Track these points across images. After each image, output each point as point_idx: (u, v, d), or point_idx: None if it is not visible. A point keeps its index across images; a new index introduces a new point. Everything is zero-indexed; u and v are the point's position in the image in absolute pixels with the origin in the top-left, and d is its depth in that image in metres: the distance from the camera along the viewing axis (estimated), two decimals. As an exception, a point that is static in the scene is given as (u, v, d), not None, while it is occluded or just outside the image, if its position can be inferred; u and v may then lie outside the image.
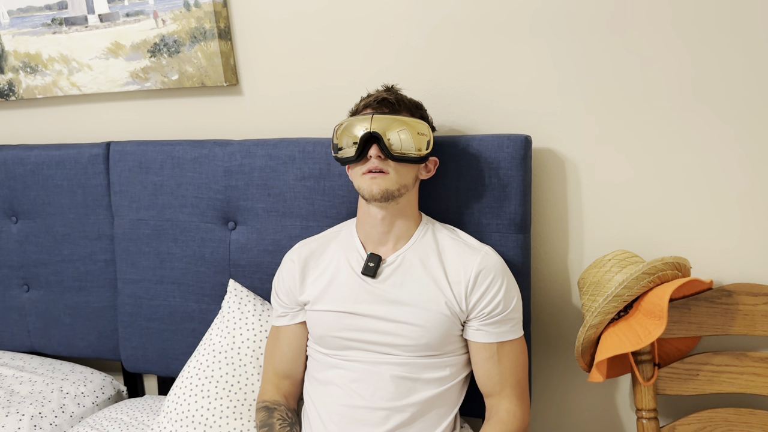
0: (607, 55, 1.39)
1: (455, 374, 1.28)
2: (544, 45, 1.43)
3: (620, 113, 1.41)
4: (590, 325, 1.31)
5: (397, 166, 1.24)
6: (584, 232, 1.50)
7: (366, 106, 1.30)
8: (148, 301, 1.74)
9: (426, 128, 1.26)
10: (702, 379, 1.36)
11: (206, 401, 1.46)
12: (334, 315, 1.29)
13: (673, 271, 1.30)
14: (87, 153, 1.78)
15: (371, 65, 1.58)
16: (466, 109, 1.52)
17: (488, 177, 1.40)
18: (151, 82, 1.76)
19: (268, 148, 1.58)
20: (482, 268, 1.25)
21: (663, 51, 1.36)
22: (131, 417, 1.63)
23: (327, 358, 1.32)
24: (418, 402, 1.24)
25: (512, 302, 1.27)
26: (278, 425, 1.32)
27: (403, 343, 1.25)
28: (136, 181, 1.72)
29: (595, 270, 1.38)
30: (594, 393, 1.58)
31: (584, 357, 1.39)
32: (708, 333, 1.35)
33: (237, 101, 1.74)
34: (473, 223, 1.43)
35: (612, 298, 1.28)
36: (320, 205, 1.54)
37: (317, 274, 1.35)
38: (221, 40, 1.66)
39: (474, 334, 1.26)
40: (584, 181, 1.47)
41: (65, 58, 1.84)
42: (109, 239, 1.81)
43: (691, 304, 1.35)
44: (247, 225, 1.62)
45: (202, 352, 1.53)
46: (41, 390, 1.73)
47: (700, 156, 1.38)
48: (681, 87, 1.36)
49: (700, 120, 1.37)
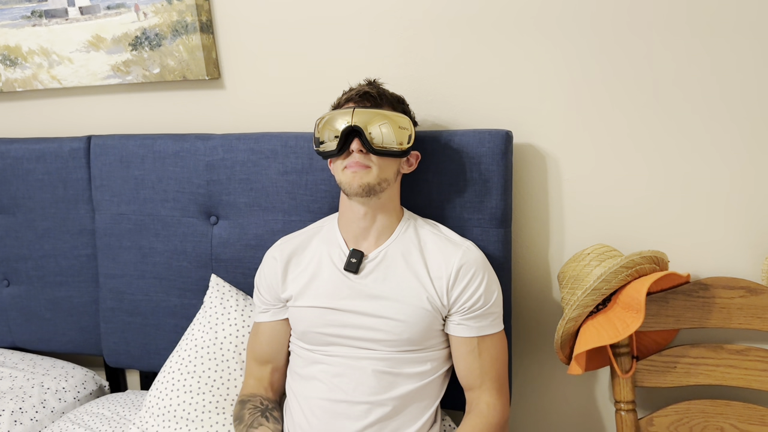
0: (589, 52, 1.41)
1: (436, 368, 1.29)
2: (527, 42, 1.44)
3: (601, 109, 1.43)
4: (569, 318, 1.33)
5: (378, 160, 1.24)
6: (564, 227, 1.51)
7: (348, 100, 1.30)
8: (129, 296, 1.74)
9: (407, 122, 1.26)
10: (679, 372, 1.38)
11: (188, 396, 1.46)
12: (317, 311, 1.30)
13: (651, 265, 1.31)
14: (68, 147, 1.77)
15: (354, 60, 1.58)
16: (449, 104, 1.52)
17: (470, 172, 1.40)
18: (133, 76, 1.75)
19: (250, 143, 1.57)
20: (463, 263, 1.26)
21: (646, 48, 1.37)
22: (113, 412, 1.62)
23: (309, 353, 1.32)
24: (399, 396, 1.25)
25: (493, 296, 1.28)
26: (248, 414, 1.32)
27: (385, 338, 1.25)
28: (117, 175, 1.71)
29: (574, 264, 1.39)
30: (573, 385, 1.60)
31: (563, 350, 1.40)
32: (685, 326, 1.37)
33: (219, 95, 1.73)
34: (455, 217, 1.43)
35: (590, 291, 1.29)
36: (303, 199, 1.54)
37: (299, 271, 1.35)
38: (203, 33, 1.65)
39: (455, 329, 1.27)
40: (565, 177, 1.48)
41: (45, 51, 1.82)
42: (90, 234, 1.79)
43: (669, 298, 1.37)
44: (230, 219, 1.61)
45: (184, 347, 1.52)
46: (22, 385, 1.71)
47: (680, 152, 1.40)
48: (663, 83, 1.38)
49: (680, 116, 1.38)
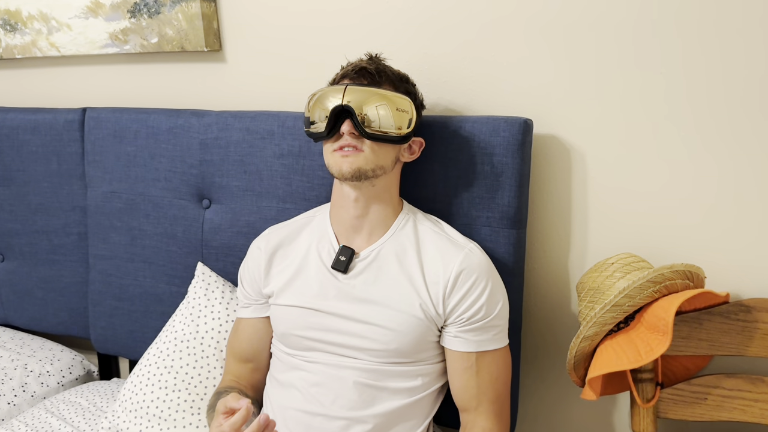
0: (629, 39, 1.23)
1: (428, 384, 1.15)
2: (558, 19, 1.27)
3: (637, 100, 1.25)
4: (584, 336, 1.16)
5: (372, 145, 1.10)
6: (588, 231, 1.34)
7: (344, 76, 1.16)
8: (118, 279, 1.64)
9: (408, 104, 1.11)
10: (710, 404, 1.20)
11: (163, 392, 1.35)
12: (299, 311, 1.16)
13: (684, 281, 1.14)
14: (62, 119, 1.68)
15: (367, 33, 1.43)
16: (465, 86, 1.36)
17: (481, 164, 1.25)
18: (131, 45, 1.64)
19: (246, 121, 1.44)
20: (464, 268, 1.11)
21: (690, 44, 1.19)
22: (90, 402, 1.53)
23: (289, 358, 1.19)
24: (383, 413, 1.10)
25: (496, 308, 1.12)
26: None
27: (370, 347, 1.11)
28: (110, 150, 1.60)
29: (595, 274, 1.22)
30: (589, 411, 1.43)
31: (577, 371, 1.24)
32: (721, 352, 1.19)
33: (220, 69, 1.60)
34: (462, 214, 1.28)
35: (610, 307, 1.12)
36: (298, 185, 1.41)
37: (285, 265, 1.22)
38: (203, 1, 1.53)
39: (451, 342, 1.12)
40: (591, 174, 1.31)
41: (45, 17, 1.73)
42: (82, 211, 1.70)
43: (703, 319, 1.19)
44: (222, 204, 1.49)
45: (163, 339, 1.42)
46: (4, 366, 1.64)
47: (730, 156, 1.21)
48: (708, 82, 1.19)
49: (726, 117, 1.20)
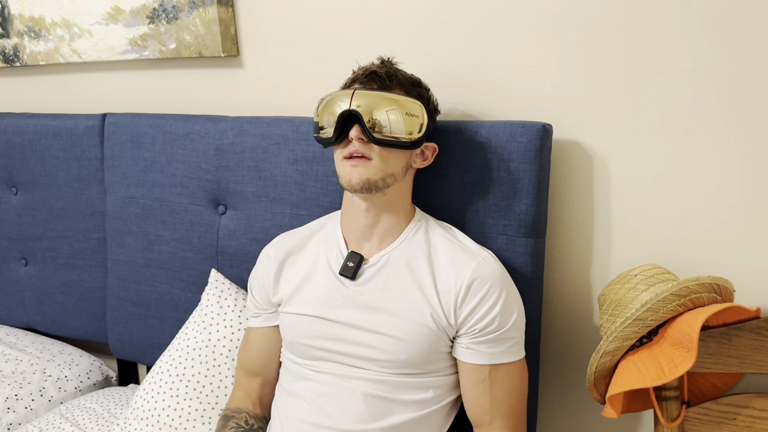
0: (656, 38, 1.17)
1: (440, 397, 1.11)
2: (581, 20, 1.22)
3: (664, 105, 1.19)
4: (605, 351, 1.11)
5: (382, 151, 1.06)
6: (611, 241, 1.28)
7: (354, 81, 1.13)
8: (135, 284, 1.63)
9: (419, 109, 1.08)
10: (739, 425, 1.14)
11: (174, 401, 1.33)
12: (306, 319, 1.13)
13: (711, 294, 1.08)
14: (83, 124, 1.69)
15: (383, 38, 1.40)
16: (483, 90, 1.32)
17: (497, 170, 1.20)
18: (149, 51, 1.64)
19: (261, 127, 1.43)
20: (476, 277, 1.07)
21: (719, 46, 1.13)
22: (104, 408, 1.52)
23: (298, 367, 1.16)
24: (392, 426, 1.06)
25: (511, 319, 1.07)
26: None
27: (378, 357, 1.08)
28: (128, 155, 1.60)
29: (618, 286, 1.17)
30: (611, 429, 1.37)
31: (598, 387, 1.18)
32: (751, 370, 1.12)
33: (237, 74, 1.59)
34: (477, 222, 1.24)
35: (632, 321, 1.07)
36: (312, 192, 1.38)
37: (294, 272, 1.19)
38: (221, 6, 1.52)
39: (463, 353, 1.08)
40: (614, 181, 1.26)
41: (67, 23, 1.74)
42: (101, 216, 1.71)
43: (732, 334, 1.13)
44: (237, 210, 1.48)
45: (176, 346, 1.40)
46: (24, 370, 1.65)
47: (757, 163, 1.15)
48: (739, 84, 1.13)
49: (757, 123, 1.13)
